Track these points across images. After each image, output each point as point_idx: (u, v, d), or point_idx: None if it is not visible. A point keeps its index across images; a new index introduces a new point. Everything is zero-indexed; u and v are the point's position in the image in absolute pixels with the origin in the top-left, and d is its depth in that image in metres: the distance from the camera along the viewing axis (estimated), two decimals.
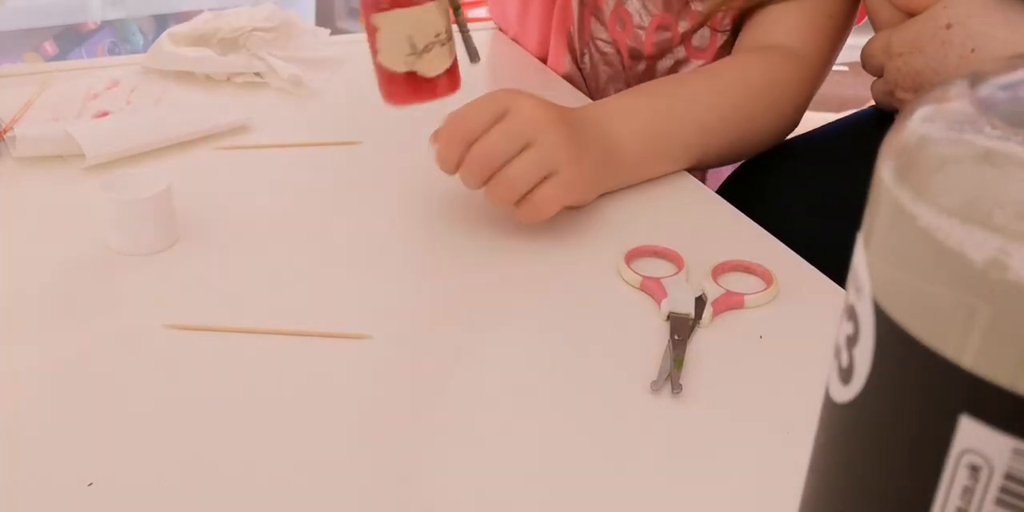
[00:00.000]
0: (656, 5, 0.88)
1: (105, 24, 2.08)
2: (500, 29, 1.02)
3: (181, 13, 2.07)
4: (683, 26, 0.88)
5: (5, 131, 0.76)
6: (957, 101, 0.21)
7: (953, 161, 0.20)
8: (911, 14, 0.67)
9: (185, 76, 0.90)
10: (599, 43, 0.95)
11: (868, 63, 0.72)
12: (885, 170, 0.22)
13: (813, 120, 0.87)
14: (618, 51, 0.94)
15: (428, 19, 0.40)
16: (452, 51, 0.40)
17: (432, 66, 0.41)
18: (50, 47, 2.02)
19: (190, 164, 0.74)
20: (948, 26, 0.63)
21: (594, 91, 0.93)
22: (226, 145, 0.78)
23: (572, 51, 0.95)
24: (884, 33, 0.70)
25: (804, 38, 0.76)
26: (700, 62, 0.86)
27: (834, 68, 0.88)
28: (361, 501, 0.44)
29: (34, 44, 1.99)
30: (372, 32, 0.41)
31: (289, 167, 0.75)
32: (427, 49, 0.40)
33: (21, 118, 0.79)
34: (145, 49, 1.20)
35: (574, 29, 0.97)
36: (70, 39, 2.05)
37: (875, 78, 0.74)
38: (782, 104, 0.75)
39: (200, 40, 0.92)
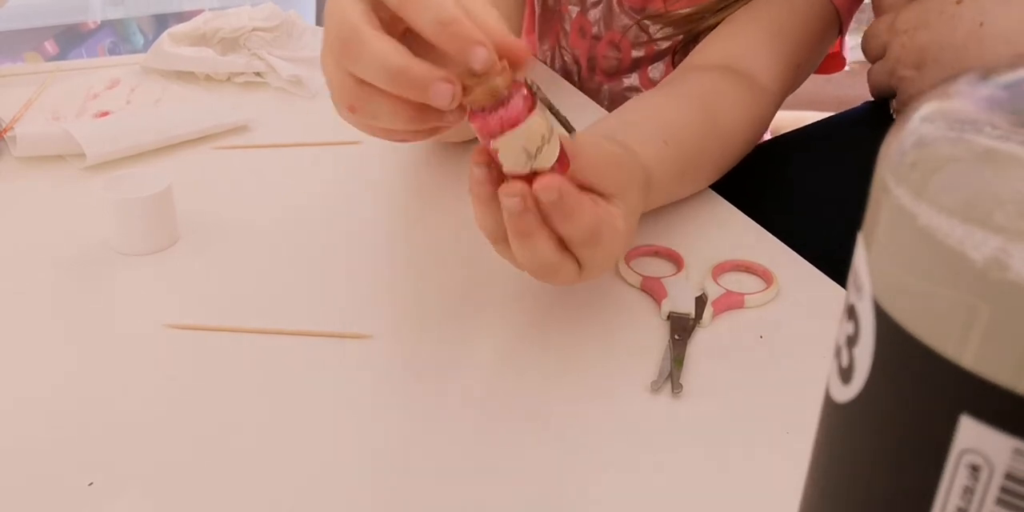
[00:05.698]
0: (611, 22, 0.88)
1: (105, 24, 2.08)
2: None
3: (181, 13, 2.07)
4: (636, 53, 0.88)
5: (5, 131, 0.76)
6: (957, 101, 0.21)
7: (953, 160, 0.20)
8: None
9: (185, 76, 0.90)
10: (563, 51, 0.95)
11: (871, 43, 0.72)
12: (885, 170, 0.22)
13: (811, 120, 0.87)
14: (576, 61, 0.94)
15: (533, 129, 0.44)
16: (557, 140, 0.46)
17: (547, 160, 0.46)
18: (50, 47, 2.02)
19: (190, 164, 0.74)
20: (958, 1, 0.63)
21: None
22: (226, 145, 0.78)
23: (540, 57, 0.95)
24: (888, 14, 0.70)
25: (754, 58, 0.72)
26: None
27: None
28: (361, 501, 0.44)
29: (34, 44, 2.00)
30: (494, 153, 0.46)
31: (289, 167, 0.75)
32: (539, 150, 0.45)
33: (21, 118, 0.79)
34: (145, 49, 1.20)
35: (535, 35, 0.97)
36: (70, 39, 2.05)
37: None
38: (731, 127, 0.69)
39: (200, 40, 0.92)
